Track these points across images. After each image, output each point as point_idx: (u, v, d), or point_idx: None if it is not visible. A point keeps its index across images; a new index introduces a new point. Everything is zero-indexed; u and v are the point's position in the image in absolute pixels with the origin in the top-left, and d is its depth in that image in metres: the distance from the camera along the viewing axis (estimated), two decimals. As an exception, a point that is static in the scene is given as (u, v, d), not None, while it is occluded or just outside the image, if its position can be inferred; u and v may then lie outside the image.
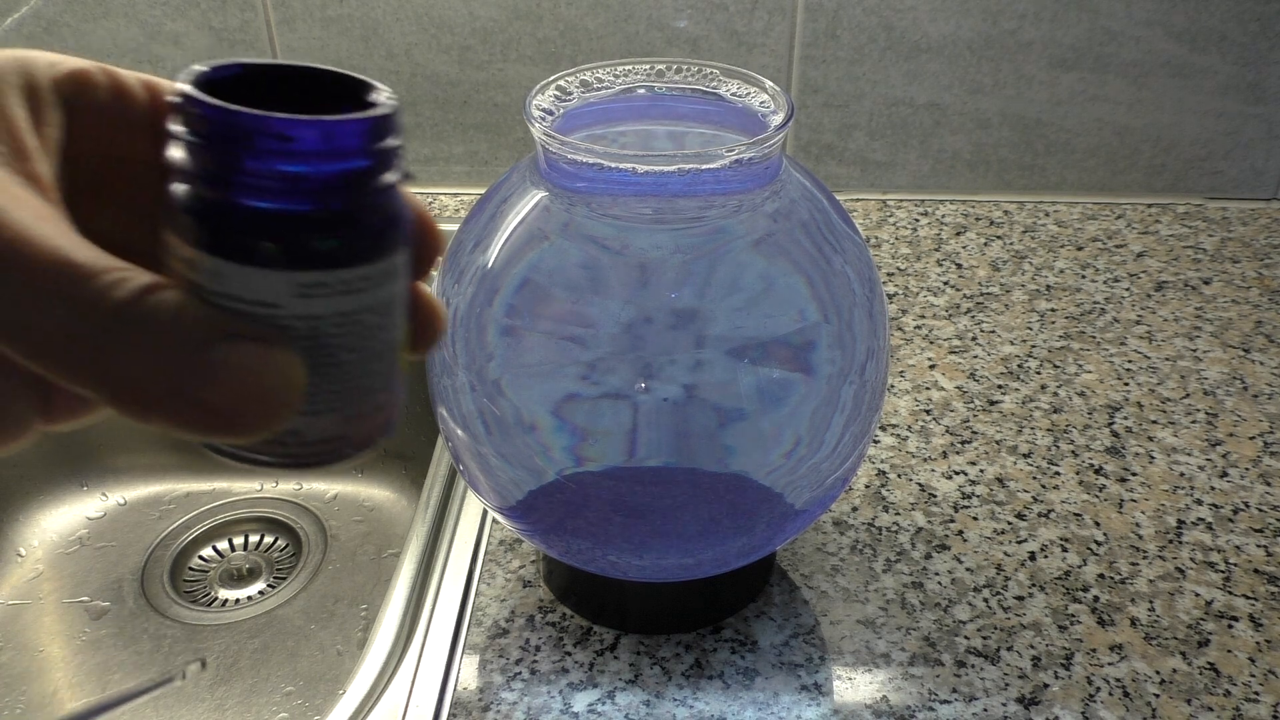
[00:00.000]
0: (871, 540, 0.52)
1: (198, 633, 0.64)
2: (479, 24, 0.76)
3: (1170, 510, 0.54)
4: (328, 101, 0.21)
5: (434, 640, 0.47)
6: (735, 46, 0.77)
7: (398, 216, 0.21)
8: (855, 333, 0.40)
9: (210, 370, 0.18)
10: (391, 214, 0.21)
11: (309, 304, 0.20)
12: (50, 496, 0.71)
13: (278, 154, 0.19)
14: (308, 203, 0.19)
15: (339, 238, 0.20)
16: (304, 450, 0.21)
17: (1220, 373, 0.64)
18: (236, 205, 0.19)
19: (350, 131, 0.19)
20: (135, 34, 0.78)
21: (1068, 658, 0.46)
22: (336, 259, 0.20)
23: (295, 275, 0.19)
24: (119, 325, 0.18)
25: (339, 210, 0.19)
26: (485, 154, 0.82)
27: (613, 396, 0.38)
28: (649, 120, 0.43)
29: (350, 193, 0.19)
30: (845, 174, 0.82)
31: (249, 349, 0.18)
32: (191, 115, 0.19)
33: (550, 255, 0.39)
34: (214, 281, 0.19)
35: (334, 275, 0.20)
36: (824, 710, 0.44)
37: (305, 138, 0.19)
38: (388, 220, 0.21)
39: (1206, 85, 0.77)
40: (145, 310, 0.18)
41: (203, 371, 0.18)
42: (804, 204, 0.41)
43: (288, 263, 0.19)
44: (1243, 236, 0.77)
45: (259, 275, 0.19)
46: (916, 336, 0.67)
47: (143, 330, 0.18)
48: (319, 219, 0.19)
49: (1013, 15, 0.75)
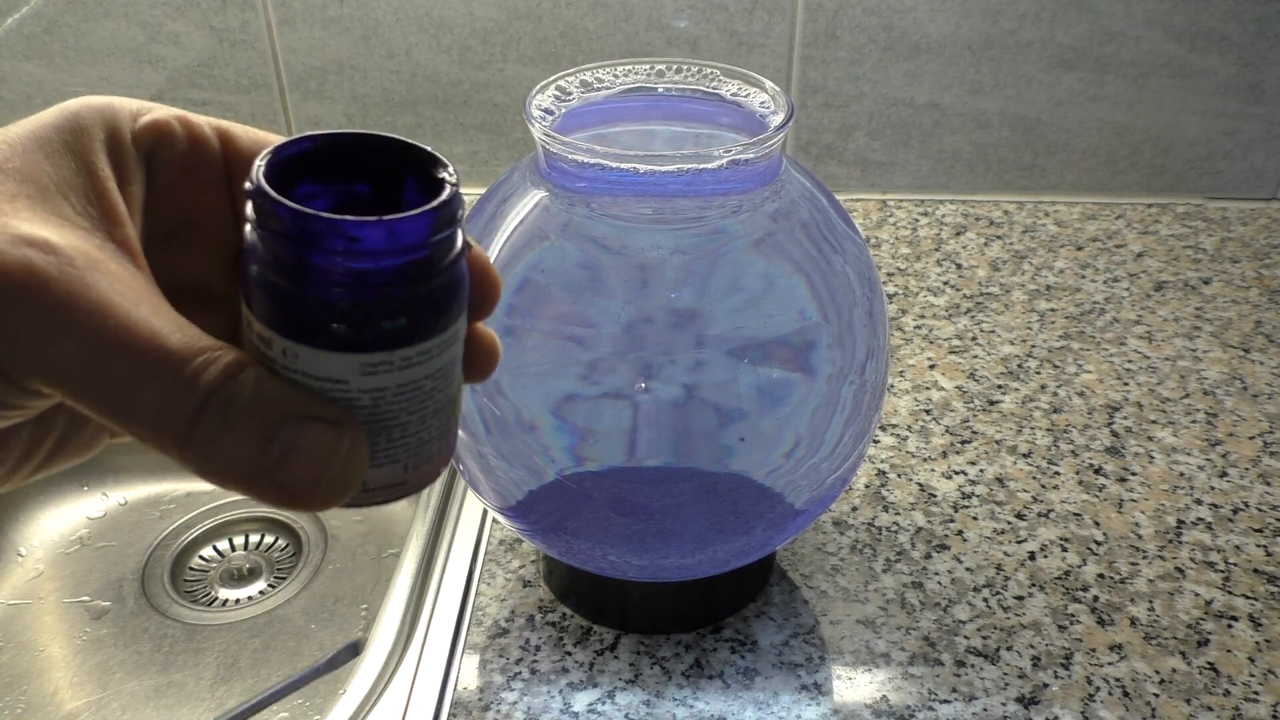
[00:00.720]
0: (871, 540, 0.52)
1: (198, 632, 0.64)
2: (479, 24, 0.76)
3: (1170, 510, 0.54)
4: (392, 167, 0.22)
5: (434, 640, 0.47)
6: (735, 46, 0.77)
7: (458, 289, 0.22)
8: (855, 333, 0.40)
9: (283, 452, 0.20)
10: (452, 289, 0.22)
11: (374, 379, 0.21)
12: (51, 496, 0.71)
13: (345, 253, 0.20)
14: (373, 293, 0.20)
15: (402, 321, 0.21)
16: (365, 496, 0.23)
17: (1220, 373, 0.64)
18: (306, 295, 0.20)
19: (412, 228, 0.20)
20: (135, 34, 0.78)
21: (1067, 657, 0.46)
22: (399, 339, 0.21)
23: (361, 357, 0.21)
24: (207, 407, 0.20)
25: (403, 297, 0.21)
26: (485, 154, 0.82)
27: (613, 396, 0.38)
28: (649, 120, 0.43)
29: (413, 281, 0.21)
30: (845, 174, 0.82)
31: (318, 434, 0.20)
32: (264, 209, 0.20)
33: (550, 255, 0.39)
34: (286, 358, 0.21)
35: (397, 354, 0.21)
36: (824, 710, 0.44)
37: (371, 238, 0.20)
38: (448, 296, 0.22)
39: (1206, 85, 0.77)
40: (229, 393, 0.20)
41: (277, 452, 0.20)
42: (804, 204, 0.41)
43: (353, 346, 0.21)
44: (1242, 236, 0.78)
45: (327, 356, 0.21)
46: (916, 336, 0.67)
47: (226, 411, 0.20)
48: (384, 306, 0.21)
49: (1013, 15, 0.75)
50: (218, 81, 0.80)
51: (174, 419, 0.20)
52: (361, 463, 0.21)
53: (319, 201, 0.22)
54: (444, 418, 0.23)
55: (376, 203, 0.23)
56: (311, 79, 0.79)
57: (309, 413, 0.20)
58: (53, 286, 0.19)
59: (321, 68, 0.79)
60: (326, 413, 0.21)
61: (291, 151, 0.21)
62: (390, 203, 0.23)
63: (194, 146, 0.24)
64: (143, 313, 0.20)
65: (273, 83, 0.79)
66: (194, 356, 0.20)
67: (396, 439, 0.22)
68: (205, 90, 0.80)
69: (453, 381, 0.23)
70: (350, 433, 0.21)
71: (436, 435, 0.23)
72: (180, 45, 0.78)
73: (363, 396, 0.21)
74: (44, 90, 0.80)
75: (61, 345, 0.19)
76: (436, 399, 0.23)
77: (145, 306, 0.20)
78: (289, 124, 0.81)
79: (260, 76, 0.79)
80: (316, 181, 0.22)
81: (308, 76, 0.79)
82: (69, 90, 0.80)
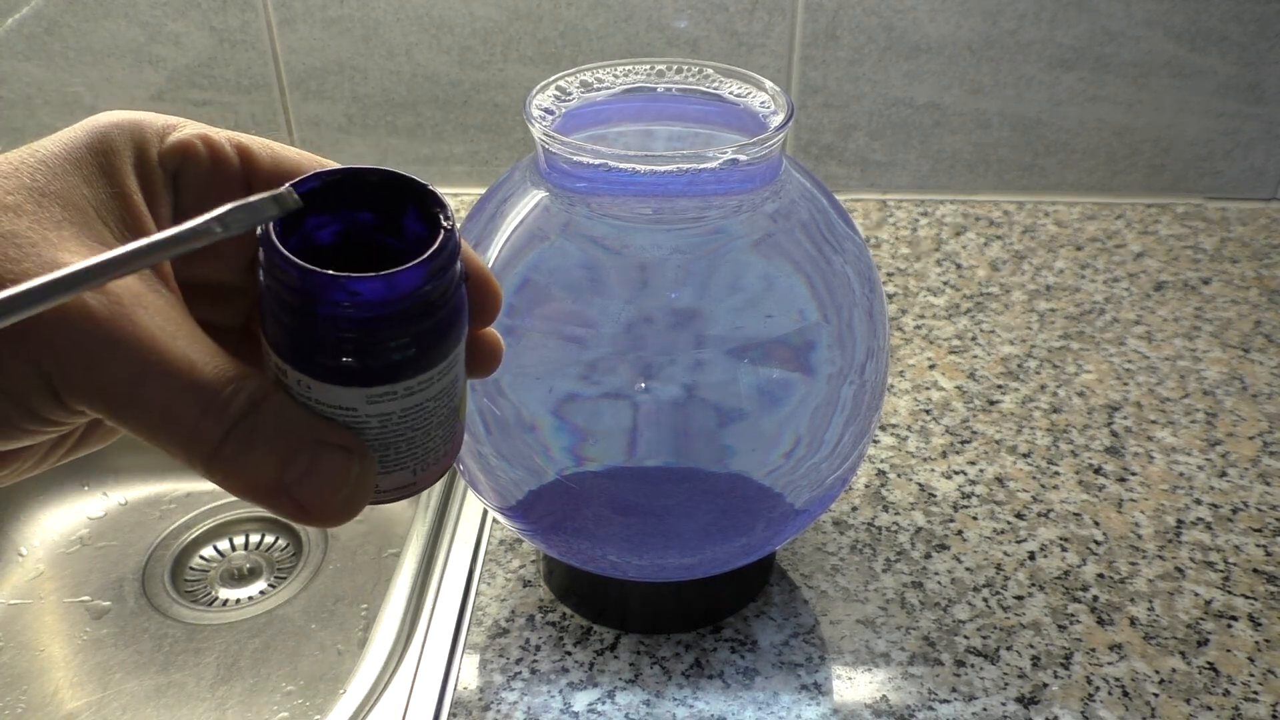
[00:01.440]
0: (871, 540, 0.52)
1: (198, 632, 0.64)
2: (479, 24, 0.77)
3: (1169, 510, 0.54)
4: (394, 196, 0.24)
5: (434, 640, 0.47)
6: (735, 47, 0.77)
7: (456, 320, 0.24)
8: (855, 333, 0.40)
9: (300, 475, 0.22)
10: (450, 322, 0.24)
11: (380, 406, 0.23)
12: (51, 496, 0.71)
13: (347, 305, 0.22)
14: (374, 336, 0.22)
15: (402, 358, 0.23)
16: (376, 497, 0.25)
17: (1219, 373, 0.64)
18: (312, 338, 0.22)
19: (409, 279, 0.22)
20: (136, 34, 0.78)
21: (1067, 657, 0.46)
22: (401, 373, 0.23)
23: (366, 390, 0.23)
24: (234, 432, 0.22)
25: (402, 337, 0.23)
26: (485, 154, 0.82)
27: (613, 396, 0.38)
28: (649, 120, 0.43)
29: (412, 322, 0.23)
30: (845, 174, 0.82)
31: (330, 459, 0.23)
32: (272, 261, 0.22)
33: (550, 255, 0.39)
34: (300, 387, 0.23)
35: (400, 385, 0.23)
36: (824, 710, 0.44)
37: (370, 290, 0.22)
38: (447, 329, 0.24)
39: (1206, 85, 0.77)
40: (254, 422, 0.22)
41: (294, 475, 0.22)
42: (804, 204, 0.41)
43: (359, 381, 0.23)
44: (1242, 236, 0.78)
45: (335, 389, 0.23)
46: (916, 336, 0.67)
47: (251, 437, 0.22)
48: (384, 347, 0.23)
49: (1013, 15, 0.75)
50: (218, 81, 0.80)
51: (204, 441, 0.22)
52: (370, 482, 0.24)
53: (327, 231, 0.24)
54: (449, 425, 0.25)
55: (381, 229, 0.24)
56: (311, 79, 0.79)
57: (323, 438, 0.23)
58: (102, 323, 0.21)
59: (321, 68, 0.79)
60: (338, 438, 0.23)
61: (299, 191, 0.23)
62: (394, 228, 0.24)
63: (216, 165, 0.25)
64: (179, 345, 0.22)
65: (273, 83, 0.79)
66: (224, 386, 0.22)
67: (404, 450, 0.24)
68: (205, 90, 0.80)
69: (455, 395, 0.25)
70: (360, 458, 0.23)
71: (442, 440, 0.25)
72: (180, 45, 0.78)
73: (370, 420, 0.23)
74: (44, 90, 0.80)
75: (107, 374, 0.21)
76: (440, 413, 0.24)
77: (182, 338, 0.22)
78: (289, 124, 0.81)
79: (260, 76, 0.79)
80: (325, 212, 0.24)
81: (308, 76, 0.79)
82: (69, 90, 0.80)
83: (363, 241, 0.24)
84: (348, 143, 0.82)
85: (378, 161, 0.82)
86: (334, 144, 0.82)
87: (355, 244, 0.24)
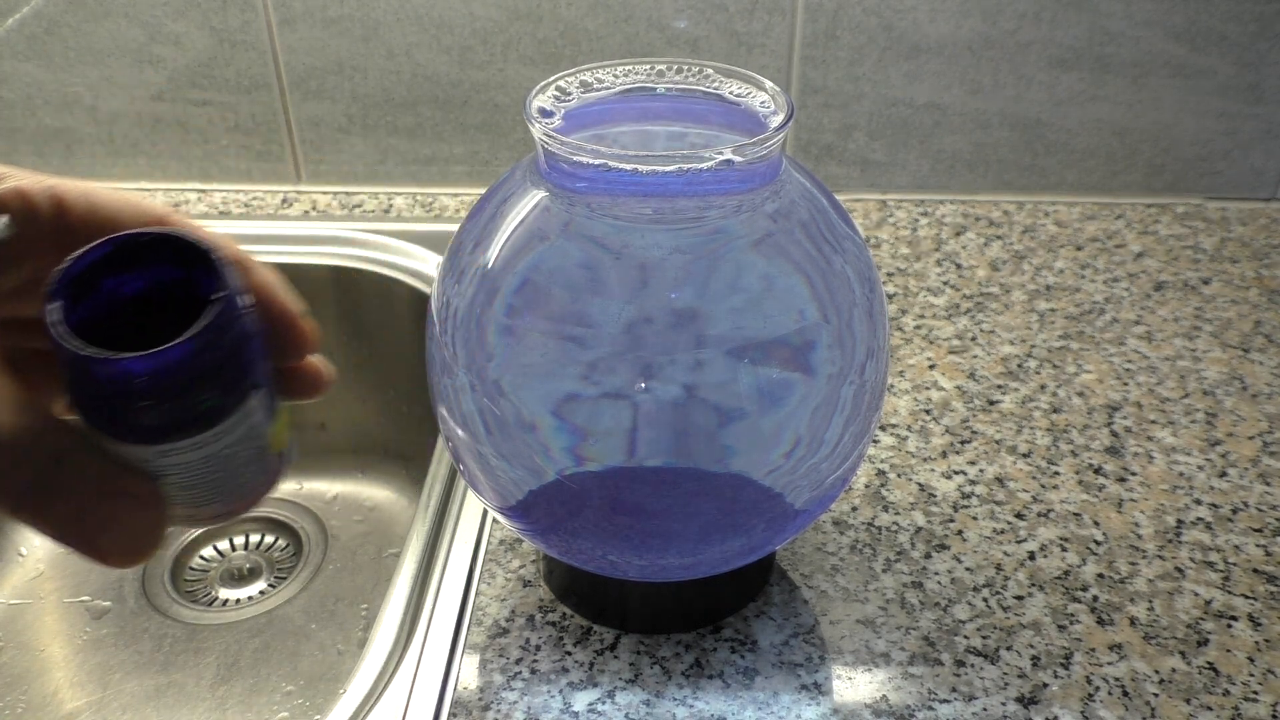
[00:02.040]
0: (871, 540, 0.52)
1: (198, 632, 0.64)
2: (479, 24, 0.77)
3: (1169, 510, 0.54)
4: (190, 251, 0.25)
5: (434, 640, 0.47)
6: (735, 47, 0.77)
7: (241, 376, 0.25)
8: (855, 333, 0.40)
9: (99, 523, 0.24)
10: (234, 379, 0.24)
11: (171, 459, 0.24)
12: (51, 496, 0.71)
13: (119, 380, 0.23)
14: (151, 401, 0.23)
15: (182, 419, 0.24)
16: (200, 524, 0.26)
17: (1219, 373, 0.64)
18: (95, 405, 0.23)
19: (178, 354, 0.23)
20: (136, 34, 0.78)
21: (1067, 657, 0.46)
22: (185, 431, 0.24)
23: (152, 448, 0.24)
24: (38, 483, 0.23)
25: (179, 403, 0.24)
26: (485, 154, 0.82)
27: (613, 396, 0.38)
28: (649, 121, 0.43)
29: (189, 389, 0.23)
30: (845, 174, 0.82)
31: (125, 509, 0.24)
32: (49, 334, 0.23)
33: (550, 255, 0.39)
34: (95, 439, 0.24)
35: (185, 441, 0.24)
36: (824, 710, 0.44)
37: (138, 369, 0.23)
38: (230, 386, 0.24)
39: (1206, 85, 0.77)
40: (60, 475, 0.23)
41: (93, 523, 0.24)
42: (804, 204, 0.41)
43: (144, 440, 0.24)
44: (1242, 237, 0.78)
45: (126, 446, 0.24)
46: (916, 336, 0.67)
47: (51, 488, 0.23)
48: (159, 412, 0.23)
49: (1013, 15, 0.75)
50: (218, 81, 0.80)
51: (10, 489, 0.23)
52: (163, 527, 0.25)
53: (129, 285, 0.25)
54: (259, 463, 0.26)
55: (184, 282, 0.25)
56: (311, 79, 0.79)
57: (116, 489, 0.24)
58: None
59: (321, 68, 0.79)
60: (132, 488, 0.24)
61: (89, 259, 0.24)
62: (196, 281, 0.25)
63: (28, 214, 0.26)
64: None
65: (273, 83, 0.79)
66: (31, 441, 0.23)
67: (214, 488, 0.26)
68: (205, 90, 0.80)
69: (260, 436, 0.26)
70: (153, 507, 0.24)
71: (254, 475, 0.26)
72: (180, 45, 0.78)
73: (166, 469, 0.24)
74: (44, 90, 0.80)
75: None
76: (244, 455, 0.25)
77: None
78: (289, 124, 0.81)
79: (260, 76, 0.79)
80: (125, 271, 0.25)
81: (308, 76, 0.79)
82: (69, 90, 0.80)
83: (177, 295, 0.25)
84: (348, 143, 0.82)
85: (378, 161, 0.82)
86: (334, 144, 0.82)
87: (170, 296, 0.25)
